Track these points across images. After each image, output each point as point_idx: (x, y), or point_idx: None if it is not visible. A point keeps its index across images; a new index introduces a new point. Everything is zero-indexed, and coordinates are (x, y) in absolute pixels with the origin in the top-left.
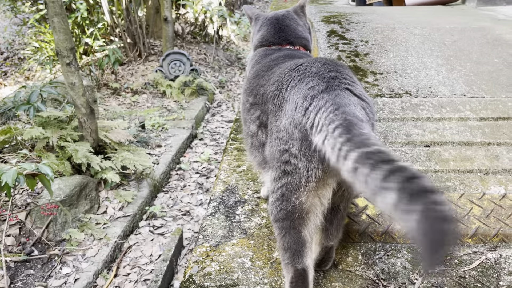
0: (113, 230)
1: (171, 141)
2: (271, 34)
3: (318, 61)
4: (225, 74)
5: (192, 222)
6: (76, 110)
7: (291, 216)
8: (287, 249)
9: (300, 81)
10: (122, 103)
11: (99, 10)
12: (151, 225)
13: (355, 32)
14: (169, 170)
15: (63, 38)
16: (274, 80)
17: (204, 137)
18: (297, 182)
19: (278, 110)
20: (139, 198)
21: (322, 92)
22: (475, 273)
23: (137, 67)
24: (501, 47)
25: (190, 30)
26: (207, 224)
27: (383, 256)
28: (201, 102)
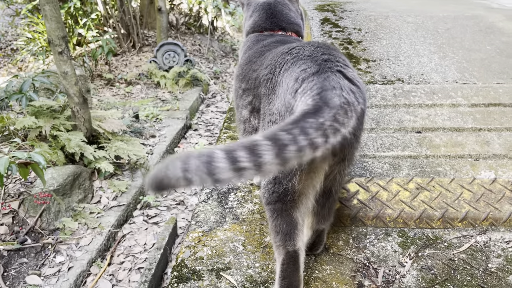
0: (107, 219)
1: (165, 132)
2: (263, 20)
3: (311, 44)
4: (219, 65)
5: (186, 212)
6: (69, 100)
7: (283, 198)
8: (278, 232)
9: (293, 64)
10: (116, 94)
11: (92, 0)
12: (145, 215)
13: (348, 20)
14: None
15: (55, 27)
16: (267, 64)
17: (199, 128)
18: None
19: (271, 93)
20: (133, 187)
21: (313, 75)
22: (465, 256)
23: (131, 58)
24: (494, 34)
25: (184, 21)
26: (200, 210)
27: (374, 240)
28: (196, 93)
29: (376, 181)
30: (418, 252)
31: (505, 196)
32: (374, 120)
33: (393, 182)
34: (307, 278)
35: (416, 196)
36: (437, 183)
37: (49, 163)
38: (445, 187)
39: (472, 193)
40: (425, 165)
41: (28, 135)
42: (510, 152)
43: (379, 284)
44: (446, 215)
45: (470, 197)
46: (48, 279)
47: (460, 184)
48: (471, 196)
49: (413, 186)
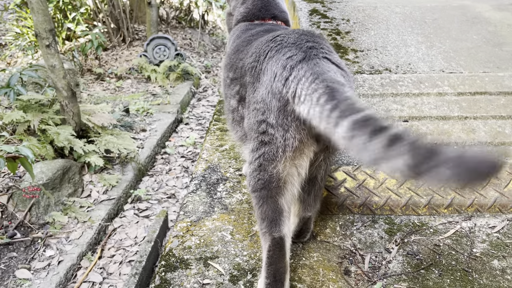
0: (97, 213)
1: (156, 126)
2: (257, 8)
3: (295, 32)
4: (210, 59)
5: (177, 205)
6: (58, 93)
7: (268, 185)
8: (264, 218)
9: (278, 52)
10: (106, 88)
11: None
12: (136, 208)
13: (336, 11)
14: (154, 154)
15: (42, 20)
16: (252, 52)
17: (190, 122)
18: (274, 152)
19: (256, 81)
20: (124, 181)
21: (301, 62)
22: (450, 241)
23: (121, 52)
24: (480, 24)
25: (175, 15)
26: (188, 200)
27: (361, 227)
28: (187, 87)
29: (363, 169)
30: (404, 238)
31: (490, 183)
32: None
33: (380, 170)
34: (294, 265)
35: (402, 184)
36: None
37: (38, 157)
38: None
39: None
40: None
41: (16, 129)
42: (495, 140)
43: (365, 270)
44: (432, 202)
45: None
46: (38, 273)
47: None
48: None
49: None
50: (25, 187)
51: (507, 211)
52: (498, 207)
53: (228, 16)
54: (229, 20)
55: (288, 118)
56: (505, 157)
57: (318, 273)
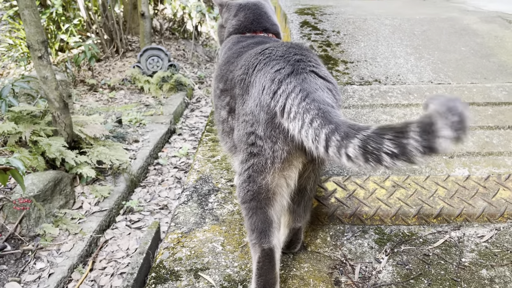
0: (89, 224)
1: (149, 136)
2: (249, 21)
3: (283, 45)
4: (204, 70)
5: (169, 216)
6: (49, 105)
7: (258, 196)
8: (254, 229)
9: (266, 64)
10: (99, 99)
11: (75, 6)
12: (128, 220)
13: (327, 23)
14: (146, 165)
15: (34, 31)
16: (241, 64)
17: (183, 132)
18: (262, 163)
19: (245, 93)
20: (116, 193)
21: (289, 76)
22: (439, 251)
23: (114, 63)
24: (468, 36)
25: (168, 26)
26: (179, 212)
27: (351, 238)
28: (180, 98)
29: (354, 179)
30: (394, 248)
31: (479, 193)
32: (351, 120)
33: (370, 181)
34: (285, 276)
35: (392, 194)
36: (413, 180)
37: (29, 169)
38: (421, 184)
39: (446, 190)
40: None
41: (7, 141)
42: (483, 150)
43: (355, 280)
44: (421, 212)
45: (445, 194)
46: (28, 286)
47: (435, 181)
48: (446, 193)
49: (389, 184)
50: (15, 199)
51: (495, 220)
52: (486, 217)
53: (220, 28)
54: (221, 32)
55: (276, 130)
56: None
57: (309, 284)
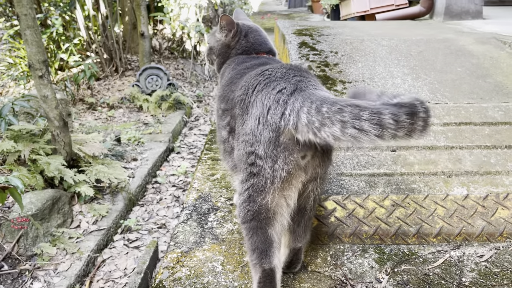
0: (86, 244)
1: (148, 155)
2: (258, 42)
3: (283, 66)
4: (203, 89)
5: (168, 235)
6: (49, 123)
7: (258, 216)
8: (254, 250)
9: (267, 85)
10: (98, 118)
11: (75, 26)
12: (125, 239)
13: (325, 43)
14: (145, 183)
15: (35, 51)
16: (241, 85)
17: (181, 151)
18: (262, 183)
19: (244, 113)
20: (114, 211)
21: (292, 94)
22: (439, 270)
23: (113, 82)
24: (464, 57)
25: (167, 46)
26: (179, 231)
27: (351, 257)
28: (179, 116)
29: (353, 198)
30: (394, 268)
31: (477, 212)
32: None
33: (369, 200)
34: None
35: (391, 213)
36: (412, 199)
37: (27, 187)
38: (420, 203)
39: (445, 209)
40: (400, 183)
41: (6, 159)
42: (481, 169)
43: None
44: (421, 231)
45: (444, 213)
46: None
47: (434, 201)
48: (445, 212)
49: (388, 203)
50: (13, 217)
51: (494, 239)
52: (486, 236)
53: (225, 47)
54: (225, 52)
55: (277, 149)
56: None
57: None
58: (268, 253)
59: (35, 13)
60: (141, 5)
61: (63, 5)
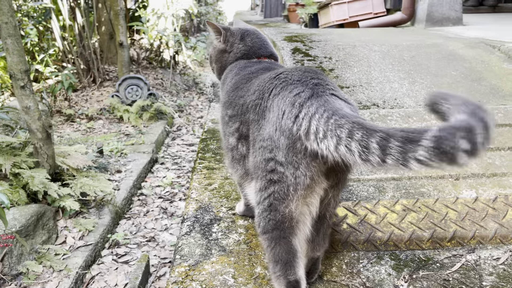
0: (74, 260)
1: (131, 166)
2: (257, 46)
3: (298, 69)
4: (183, 99)
5: (157, 248)
6: (31, 135)
7: (281, 226)
8: (278, 261)
9: (283, 89)
10: (77, 129)
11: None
12: (114, 254)
13: (318, 49)
14: (130, 196)
15: (17, 60)
16: (254, 89)
17: (165, 161)
18: (285, 191)
19: (261, 118)
20: (101, 225)
21: (309, 99)
22: (458, 275)
23: (91, 93)
24: (456, 61)
25: (145, 56)
26: (183, 243)
27: (367, 264)
28: (161, 126)
29: (363, 204)
30: (412, 274)
31: (489, 214)
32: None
33: (380, 205)
34: None
35: (403, 218)
36: (423, 204)
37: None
38: (431, 207)
39: (457, 212)
40: (409, 187)
41: None
42: (487, 171)
43: None
44: (435, 236)
45: (456, 217)
46: None
47: (445, 204)
48: (457, 216)
49: (399, 208)
50: None
51: (508, 242)
52: (499, 238)
53: (220, 53)
54: (222, 58)
55: (298, 156)
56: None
57: None
58: (293, 264)
59: (16, 21)
60: (120, 14)
61: (38, 15)
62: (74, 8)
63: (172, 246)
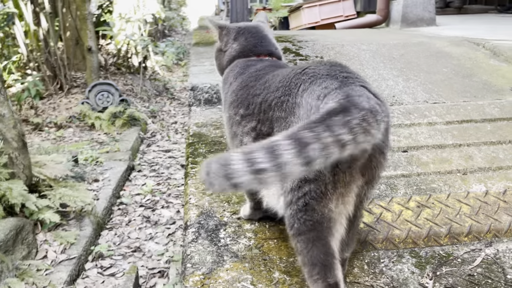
0: (57, 275)
1: (109, 175)
2: (252, 44)
3: (324, 63)
4: (155, 104)
5: (144, 259)
6: (5, 145)
7: (319, 226)
8: (316, 264)
9: (312, 83)
10: (46, 139)
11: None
12: (99, 266)
13: (308, 49)
14: (110, 205)
15: None
16: (276, 86)
17: (143, 169)
18: (322, 189)
19: (290, 115)
20: (83, 237)
21: (335, 90)
22: (481, 270)
23: (59, 101)
24: (444, 58)
25: (113, 61)
26: (192, 251)
27: (389, 263)
28: (135, 133)
29: (377, 202)
30: (436, 271)
31: (501, 207)
32: None
33: (393, 202)
34: None
35: (419, 215)
36: (435, 199)
37: None
38: (444, 203)
39: (470, 206)
40: (419, 183)
41: None
42: (493, 165)
43: None
44: (452, 231)
45: (470, 211)
46: None
47: (457, 199)
48: (470, 210)
49: (413, 205)
50: None
51: None
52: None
53: (218, 52)
54: (219, 56)
55: None
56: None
57: None
58: (332, 266)
59: None
60: (88, 18)
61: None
62: (38, 13)
63: (159, 255)
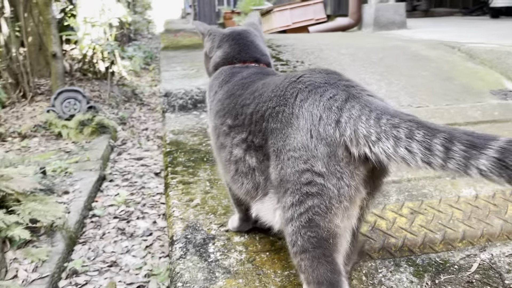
0: None
1: (79, 186)
2: (236, 51)
3: (317, 71)
4: (124, 110)
5: (121, 273)
6: None
7: (324, 243)
8: (322, 282)
9: (312, 92)
10: (9, 149)
11: None
12: (73, 284)
13: (288, 54)
14: (82, 218)
15: None
16: (269, 96)
17: (114, 178)
18: (326, 204)
19: (286, 127)
20: (55, 254)
21: (347, 101)
22: (479, 276)
23: (22, 109)
24: (422, 61)
25: (79, 67)
26: (181, 268)
27: (387, 273)
28: (104, 141)
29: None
30: (434, 280)
31: (491, 211)
32: None
33: (387, 210)
34: None
35: (413, 221)
36: (428, 205)
37: None
38: (436, 208)
39: (462, 211)
40: (411, 189)
41: None
42: None
43: None
44: (446, 237)
45: (462, 216)
46: None
47: (449, 204)
48: (462, 215)
49: (407, 211)
50: None
51: None
52: (505, 235)
53: (205, 56)
54: (206, 61)
55: (340, 164)
56: None
57: None
58: (339, 284)
59: None
60: (51, 23)
61: None
62: None
63: (137, 269)
